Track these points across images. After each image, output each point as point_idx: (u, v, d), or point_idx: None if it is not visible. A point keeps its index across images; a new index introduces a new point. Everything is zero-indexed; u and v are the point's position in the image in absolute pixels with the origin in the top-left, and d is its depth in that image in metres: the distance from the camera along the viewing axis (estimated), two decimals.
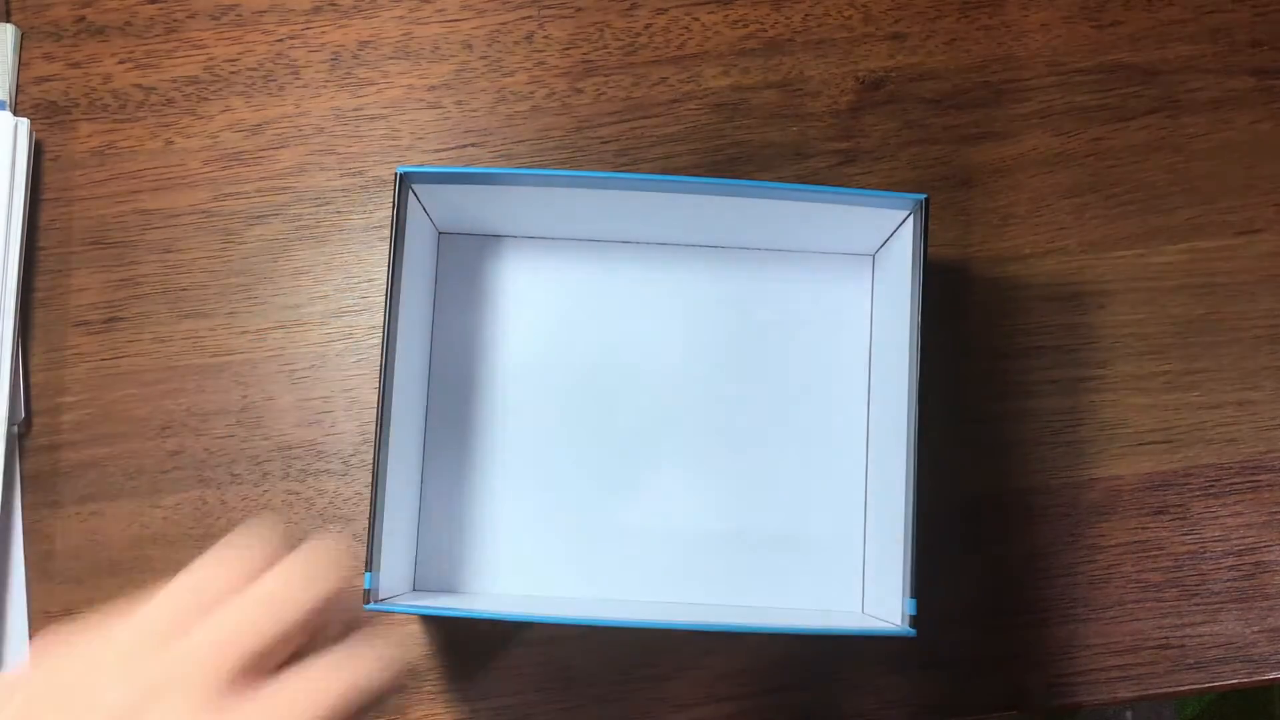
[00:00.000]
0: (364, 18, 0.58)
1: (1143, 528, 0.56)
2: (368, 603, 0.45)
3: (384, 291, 0.48)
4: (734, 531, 0.54)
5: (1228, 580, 0.55)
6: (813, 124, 0.58)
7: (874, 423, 0.54)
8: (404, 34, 0.58)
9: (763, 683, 0.54)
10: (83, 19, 0.58)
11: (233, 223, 0.57)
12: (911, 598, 0.46)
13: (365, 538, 0.47)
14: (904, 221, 0.50)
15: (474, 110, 0.58)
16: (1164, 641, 0.55)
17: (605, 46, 0.58)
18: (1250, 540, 0.56)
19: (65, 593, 0.54)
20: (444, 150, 0.57)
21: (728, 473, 0.54)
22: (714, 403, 0.55)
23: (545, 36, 0.58)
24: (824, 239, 0.54)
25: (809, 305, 0.55)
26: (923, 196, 0.48)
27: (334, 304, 0.56)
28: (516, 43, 0.58)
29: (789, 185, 0.48)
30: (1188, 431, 0.56)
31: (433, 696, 0.54)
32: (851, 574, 0.54)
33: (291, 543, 0.35)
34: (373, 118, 0.58)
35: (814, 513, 0.54)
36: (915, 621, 0.45)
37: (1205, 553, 0.56)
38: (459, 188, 0.50)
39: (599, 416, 0.54)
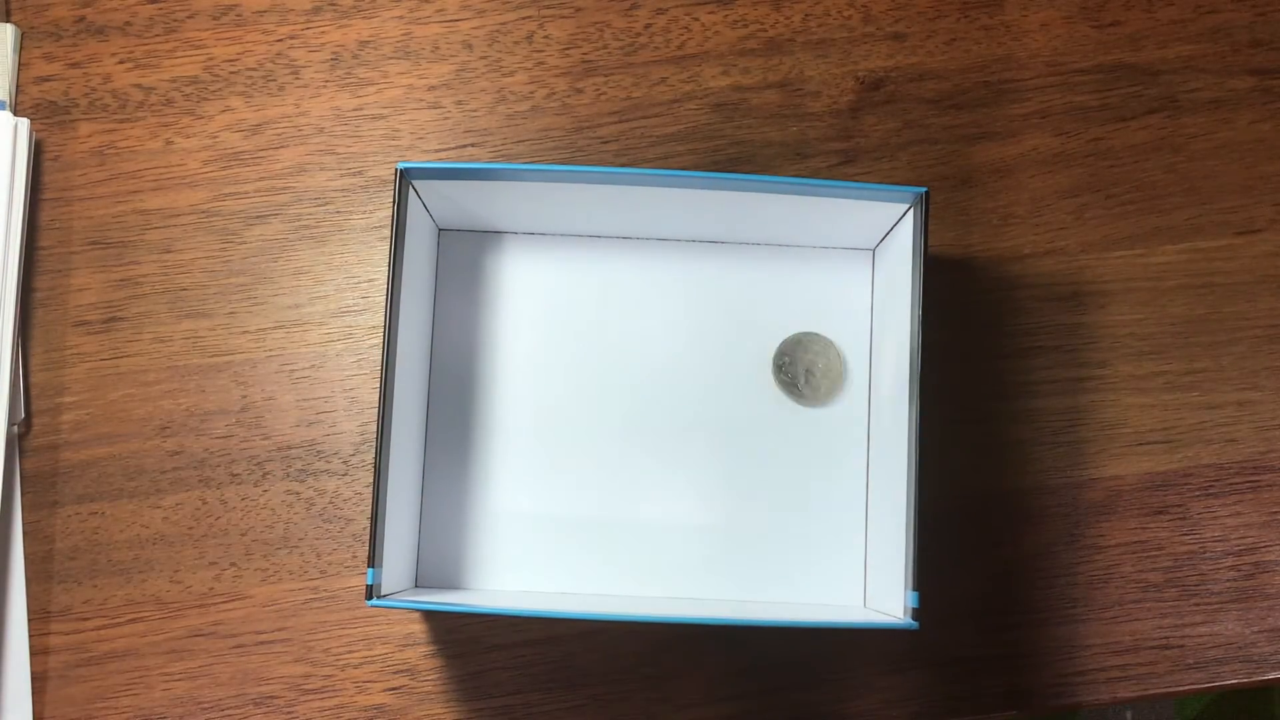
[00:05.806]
0: (364, 18, 0.58)
1: (1143, 528, 0.56)
2: (370, 599, 0.45)
3: (384, 290, 0.48)
4: (735, 527, 0.54)
5: (1228, 580, 0.55)
6: (813, 124, 0.58)
7: (875, 418, 0.54)
8: (404, 34, 0.58)
9: (763, 682, 0.54)
10: (83, 19, 0.58)
11: (233, 223, 0.57)
12: (914, 591, 0.46)
13: (367, 535, 0.47)
14: (904, 215, 0.50)
15: (474, 110, 0.58)
16: (1164, 641, 0.55)
17: (605, 46, 0.58)
18: (1250, 540, 0.56)
19: (65, 593, 0.54)
20: (444, 150, 0.57)
21: (729, 468, 0.54)
22: (714, 398, 0.55)
23: (545, 36, 0.58)
24: (824, 234, 0.54)
25: (809, 300, 0.55)
26: (923, 190, 0.48)
27: (334, 304, 0.56)
28: (516, 43, 0.58)
29: (788, 179, 0.48)
30: (1188, 431, 0.56)
31: (433, 696, 0.54)
32: (853, 570, 0.54)
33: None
34: (373, 118, 0.58)
35: (815, 508, 0.54)
36: (917, 614, 0.46)
37: (1205, 553, 0.56)
38: (459, 184, 0.50)
39: (599, 412, 0.55)
